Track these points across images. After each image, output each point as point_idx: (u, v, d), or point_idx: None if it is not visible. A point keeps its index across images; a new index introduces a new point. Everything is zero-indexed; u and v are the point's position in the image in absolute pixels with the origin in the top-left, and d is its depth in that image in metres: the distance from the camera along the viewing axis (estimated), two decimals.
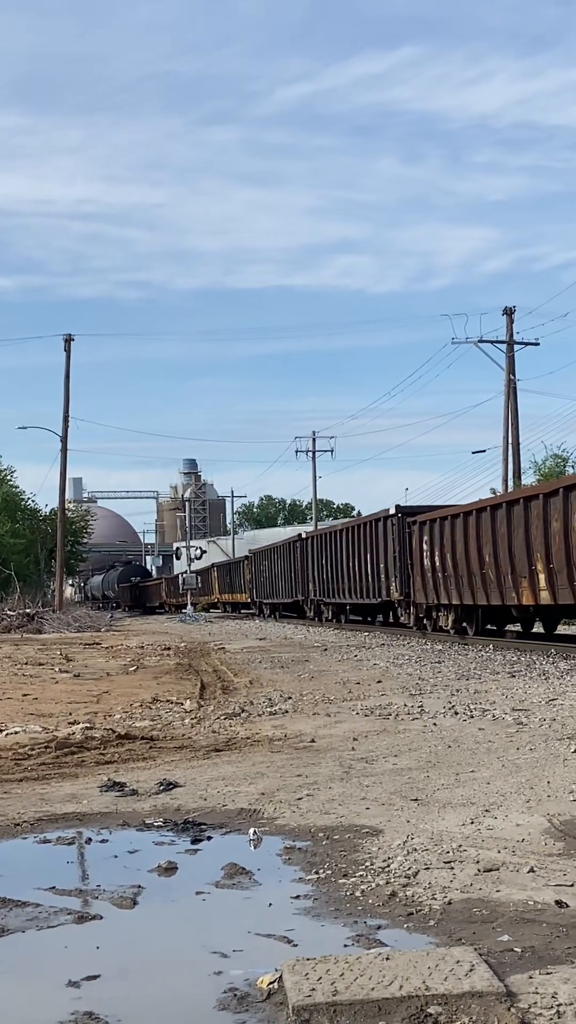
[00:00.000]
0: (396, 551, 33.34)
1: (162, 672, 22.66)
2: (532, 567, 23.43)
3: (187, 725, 13.34)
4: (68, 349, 66.19)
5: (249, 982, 4.82)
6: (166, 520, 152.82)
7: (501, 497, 29.90)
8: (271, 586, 56.72)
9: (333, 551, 42.09)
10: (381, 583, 35.36)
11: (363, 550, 37.53)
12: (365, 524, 37.98)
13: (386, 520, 34.74)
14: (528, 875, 6.24)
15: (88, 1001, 4.70)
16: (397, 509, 34.00)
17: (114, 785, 9.32)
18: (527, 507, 23.72)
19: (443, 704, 14.15)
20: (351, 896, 6.02)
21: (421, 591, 31.36)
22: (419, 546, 31.39)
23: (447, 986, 4.51)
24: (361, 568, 37.82)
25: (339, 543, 41.24)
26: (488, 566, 26.19)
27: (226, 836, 7.63)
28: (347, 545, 39.82)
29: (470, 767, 9.59)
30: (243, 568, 67.11)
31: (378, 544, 35.60)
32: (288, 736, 11.96)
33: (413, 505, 35.58)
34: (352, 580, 39.19)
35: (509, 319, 53.36)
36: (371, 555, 36.47)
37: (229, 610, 76.36)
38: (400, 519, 33.34)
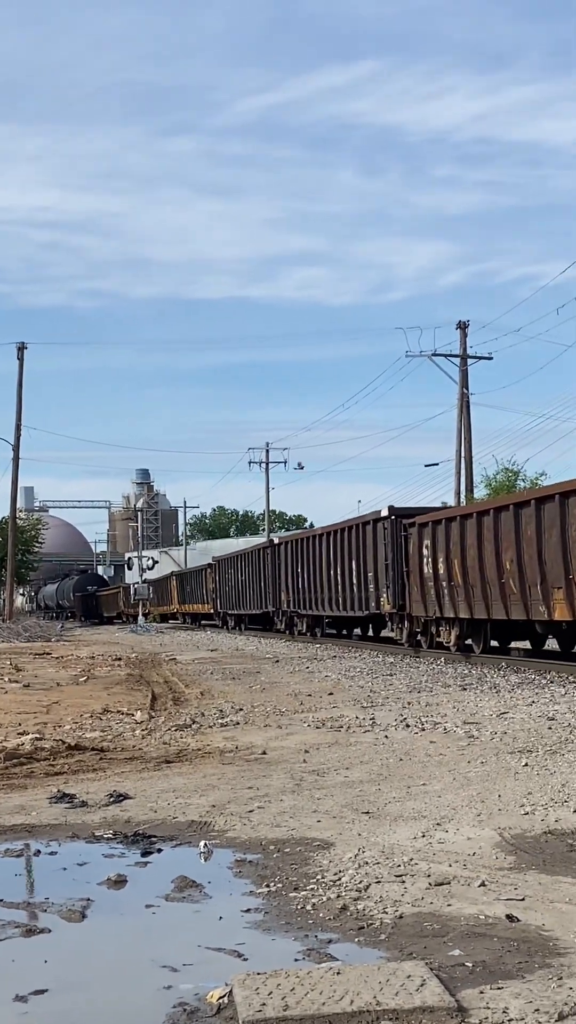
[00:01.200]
0: (389, 558, 29.60)
1: (113, 683, 22.54)
2: (570, 576, 19.96)
3: (138, 736, 13.26)
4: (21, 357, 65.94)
5: (199, 997, 4.78)
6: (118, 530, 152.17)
7: (529, 493, 26.19)
8: (237, 596, 52.56)
9: (311, 558, 38.18)
10: (369, 593, 31.69)
11: (347, 557, 33.82)
12: (351, 528, 33.83)
13: (376, 523, 31.07)
14: (479, 889, 6.23)
15: (35, 1016, 4.65)
16: (391, 510, 30.16)
17: (64, 797, 9.25)
18: (564, 504, 20.21)
19: (395, 717, 14.14)
20: (302, 910, 5.99)
21: (419, 603, 27.81)
22: (418, 552, 27.95)
23: (398, 1001, 4.49)
24: (345, 577, 34.14)
25: (318, 549, 37.45)
26: (509, 574, 22.53)
27: (176, 849, 7.58)
28: (328, 551, 36.15)
29: (421, 780, 9.58)
30: (206, 577, 62.36)
31: (366, 550, 32.02)
32: (239, 748, 11.91)
33: (409, 507, 31.77)
34: (333, 590, 35.47)
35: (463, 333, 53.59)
36: (357, 562, 32.80)
37: (189, 622, 72.39)
38: (394, 522, 29.52)
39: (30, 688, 21.00)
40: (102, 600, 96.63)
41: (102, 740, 12.90)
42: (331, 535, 36.03)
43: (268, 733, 13.13)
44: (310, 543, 38.72)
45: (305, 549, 39.23)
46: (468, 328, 53.67)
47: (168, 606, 77.85)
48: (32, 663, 29.18)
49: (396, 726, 13.22)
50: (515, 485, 50.98)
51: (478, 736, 12.12)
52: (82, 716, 15.66)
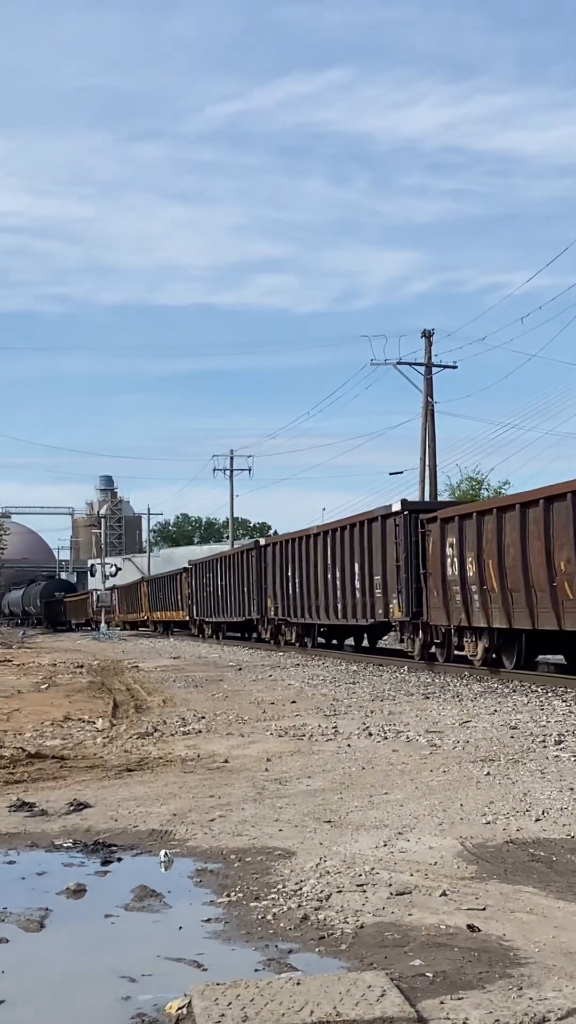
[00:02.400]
0: (401, 558, 26.02)
1: (74, 690, 22.44)
2: None
3: (99, 744, 13.19)
4: None
5: (158, 1008, 4.74)
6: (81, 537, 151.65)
7: None
8: (216, 603, 48.54)
9: (304, 560, 34.58)
10: (376, 599, 28.03)
11: (349, 558, 30.20)
12: (353, 526, 30.02)
13: (386, 519, 27.30)
14: (440, 899, 6.21)
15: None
16: (404, 505, 26.69)
17: (23, 805, 9.17)
18: None
19: (357, 725, 14.13)
20: (262, 919, 5.96)
21: (439, 609, 24.28)
22: (439, 551, 24.33)
23: (358, 1011, 4.46)
24: (345, 581, 30.48)
25: (313, 551, 33.75)
26: (564, 576, 19.07)
27: (137, 858, 7.54)
28: (325, 553, 32.46)
29: (384, 789, 9.57)
30: (180, 582, 58.37)
31: (372, 550, 28.22)
32: (201, 756, 11.87)
33: (425, 501, 29.64)
34: (331, 596, 31.83)
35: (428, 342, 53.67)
36: (360, 564, 29.18)
37: (160, 630, 67.98)
38: (408, 517, 25.94)
39: None
40: (70, 606, 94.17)
41: (63, 748, 12.83)
42: (329, 534, 32.40)
43: (230, 741, 13.09)
44: (303, 544, 34.94)
45: (297, 551, 35.65)
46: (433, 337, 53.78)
47: (138, 613, 74.67)
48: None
49: (359, 735, 13.21)
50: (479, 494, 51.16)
51: (440, 745, 12.12)
52: (43, 724, 15.57)
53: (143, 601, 71.92)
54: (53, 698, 20.48)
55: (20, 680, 25.31)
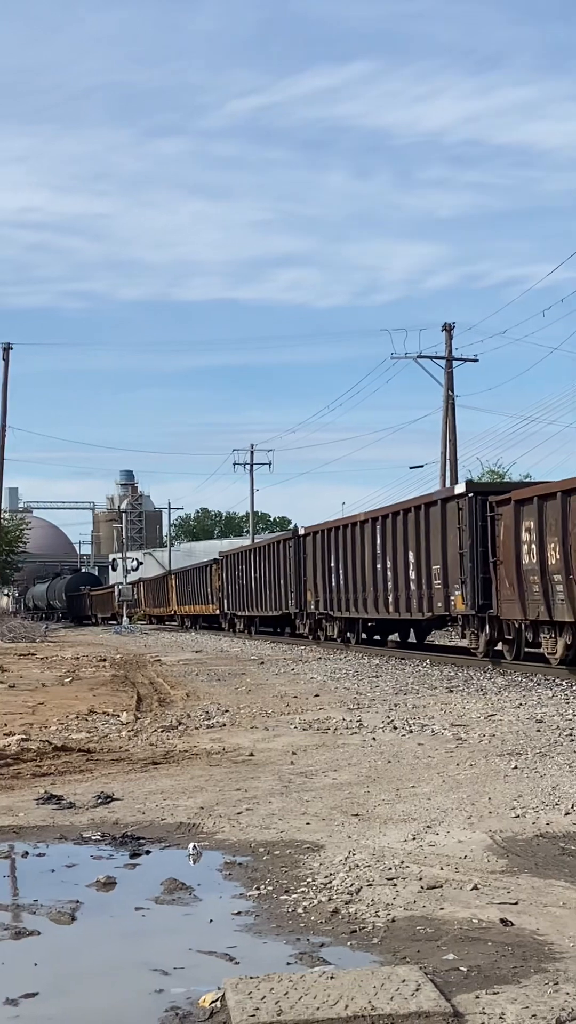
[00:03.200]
0: (465, 546, 23.71)
1: (98, 684, 22.48)
2: None
3: (124, 737, 13.20)
4: (6, 358, 65.73)
5: (191, 1000, 4.72)
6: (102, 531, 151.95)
7: None
8: (250, 596, 46.15)
9: (349, 550, 32.19)
10: (434, 591, 25.68)
11: (402, 547, 27.83)
12: (407, 512, 27.68)
13: (446, 503, 25.06)
14: (472, 892, 6.18)
15: (26, 1020, 4.59)
16: (469, 486, 24.67)
17: (51, 798, 9.18)
18: None
19: (381, 719, 14.10)
20: (293, 913, 5.94)
21: (514, 603, 21.88)
22: (513, 537, 21.82)
23: (393, 1006, 4.44)
24: (397, 572, 28.11)
25: (359, 539, 31.35)
26: None
27: (165, 851, 7.52)
28: (373, 541, 30.05)
29: (410, 782, 9.54)
30: (210, 575, 56.06)
31: (430, 537, 25.92)
32: (226, 750, 11.86)
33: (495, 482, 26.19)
34: (380, 589, 29.44)
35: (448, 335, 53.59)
36: (416, 553, 26.78)
37: (188, 624, 65.80)
38: (474, 500, 23.57)
39: (15, 689, 20.92)
40: (96, 600, 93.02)
41: (88, 741, 12.84)
42: (379, 521, 29.81)
43: (255, 735, 13.08)
44: (348, 532, 32.43)
45: (341, 539, 33.18)
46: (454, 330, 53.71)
47: (165, 607, 72.41)
48: (17, 663, 29.09)
49: (383, 728, 13.18)
50: None
51: (466, 738, 12.08)
52: (68, 717, 15.59)
53: (171, 595, 69.69)
54: (77, 691, 20.52)
55: (44, 673, 25.37)
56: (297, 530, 39.27)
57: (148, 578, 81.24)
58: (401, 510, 28.27)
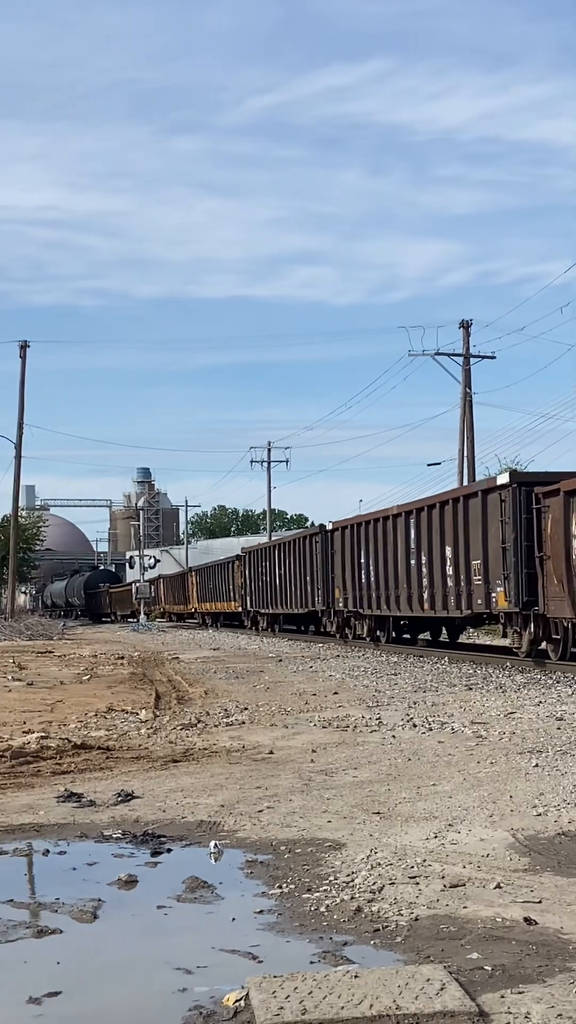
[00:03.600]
0: (509, 540, 22.52)
1: (116, 681, 22.49)
2: None
3: (143, 735, 13.19)
4: (24, 356, 65.84)
5: (215, 1000, 4.71)
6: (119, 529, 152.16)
7: None
8: (274, 593, 44.58)
9: (380, 545, 30.80)
10: (473, 588, 24.59)
11: (438, 541, 26.57)
12: (444, 504, 26.50)
13: (487, 495, 23.89)
14: (495, 891, 6.16)
15: (50, 1018, 4.58)
16: (513, 477, 23.44)
17: (71, 796, 9.18)
18: None
19: (401, 716, 14.07)
20: (316, 911, 5.92)
21: (562, 600, 20.60)
22: (562, 530, 20.55)
23: (418, 1005, 4.42)
24: (433, 567, 26.88)
25: (391, 534, 29.95)
26: None
27: (186, 849, 7.51)
28: (407, 536, 28.69)
29: (431, 780, 9.51)
30: (232, 571, 54.50)
31: (469, 531, 24.73)
32: (246, 747, 11.84)
33: (540, 472, 24.77)
34: (414, 585, 28.14)
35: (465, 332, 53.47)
36: (454, 548, 25.46)
37: (209, 622, 64.27)
38: (518, 491, 22.46)
39: (34, 686, 20.95)
40: (115, 597, 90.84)
41: (108, 739, 12.83)
42: (412, 514, 28.47)
43: (274, 732, 13.07)
44: (379, 526, 31.02)
45: (371, 534, 31.70)
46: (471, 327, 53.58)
47: (185, 605, 70.86)
48: (35, 661, 29.14)
49: (403, 726, 13.15)
50: None
51: (486, 736, 12.05)
52: (87, 715, 15.59)
53: (191, 592, 67.98)
54: (95, 689, 20.53)
55: (62, 671, 25.39)
56: (325, 525, 37.41)
57: (168, 575, 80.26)
58: (438, 503, 26.89)
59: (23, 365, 65.81)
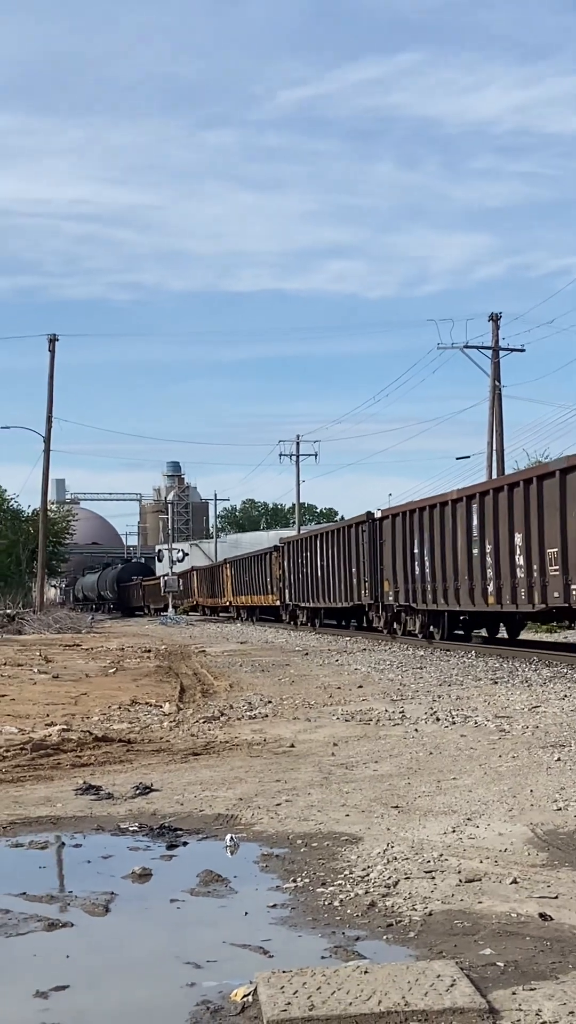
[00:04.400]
0: None
1: (141, 674, 22.48)
2: None
3: (166, 728, 13.17)
4: (52, 349, 65.99)
5: (223, 995, 4.66)
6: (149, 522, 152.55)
7: None
8: (315, 586, 41.87)
9: (438, 534, 27.91)
10: (549, 580, 21.73)
11: (507, 528, 23.81)
12: (514, 487, 23.72)
13: (565, 475, 21.16)
14: (511, 886, 6.09)
15: (55, 1013, 4.54)
16: None
17: (89, 788, 9.15)
18: None
19: (425, 710, 14.00)
20: (329, 906, 5.87)
21: None
22: None
23: (427, 1002, 4.36)
24: (500, 557, 24.16)
25: (450, 521, 27.03)
26: None
27: (202, 842, 7.47)
28: (468, 523, 25.85)
29: (452, 774, 9.44)
30: (270, 563, 51.81)
31: (544, 516, 21.98)
32: (267, 740, 11.80)
33: None
34: (478, 577, 25.36)
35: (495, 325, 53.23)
36: (525, 535, 22.68)
37: (244, 616, 61.75)
38: None
39: (59, 679, 20.97)
40: (148, 590, 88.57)
41: (130, 732, 12.81)
42: (476, 499, 25.73)
43: (296, 726, 13.02)
44: (436, 513, 28.19)
45: (426, 522, 28.84)
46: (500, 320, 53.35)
47: (219, 598, 68.40)
48: (62, 654, 29.19)
49: (426, 719, 13.08)
50: None
51: (509, 730, 11.96)
52: (110, 707, 15.58)
53: (226, 585, 65.34)
54: (120, 682, 20.53)
55: (88, 664, 25.41)
56: (372, 513, 34.42)
57: (201, 567, 78.83)
58: (506, 485, 24.37)
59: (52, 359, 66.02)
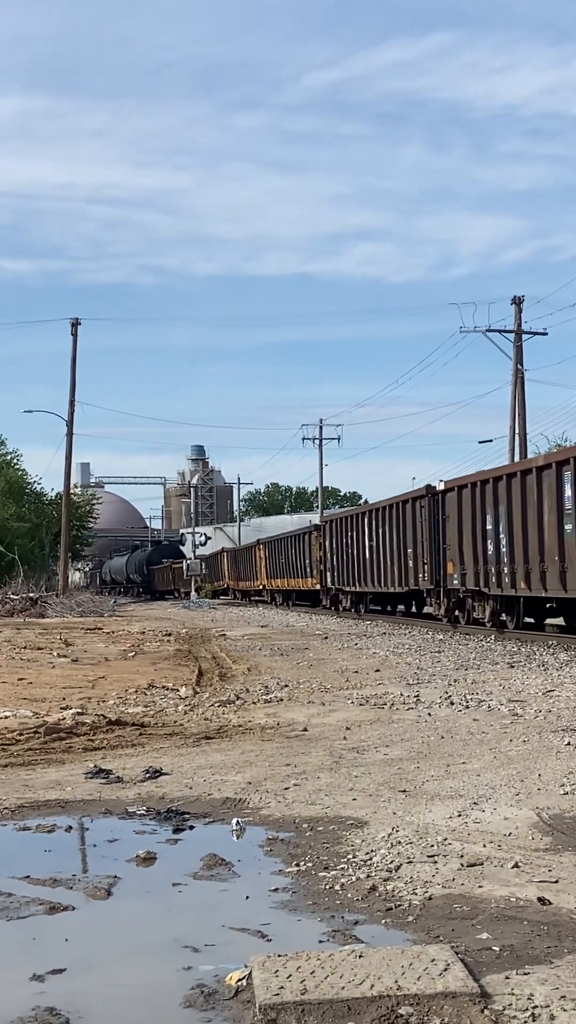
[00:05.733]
0: None
1: (160, 658, 22.54)
2: None
3: (180, 712, 13.21)
4: (75, 333, 66.09)
5: (218, 978, 4.68)
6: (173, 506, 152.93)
7: None
8: (362, 569, 38.15)
9: (518, 509, 24.29)
10: None
11: None
12: None
13: None
14: (512, 871, 6.09)
15: (51, 996, 4.56)
16: None
17: (99, 772, 9.19)
18: None
19: (439, 694, 14.00)
20: (330, 890, 5.88)
21: None
22: None
23: (420, 986, 4.36)
24: None
25: (537, 493, 23.29)
26: None
27: (209, 826, 7.49)
28: (562, 494, 22.07)
29: (461, 758, 9.44)
30: (309, 544, 48.03)
31: None
32: (280, 724, 11.82)
33: None
34: (570, 558, 21.83)
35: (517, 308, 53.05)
36: None
37: (279, 600, 58.01)
38: None
39: (78, 663, 21.04)
40: (178, 573, 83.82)
41: (144, 715, 12.85)
42: (570, 465, 21.89)
43: (311, 710, 13.03)
44: (518, 484, 24.47)
45: (504, 495, 25.23)
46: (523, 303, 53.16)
47: (252, 581, 64.92)
48: (82, 638, 29.27)
49: (440, 703, 13.08)
50: None
51: (522, 714, 11.95)
52: (127, 691, 15.63)
53: (259, 567, 61.80)
54: (139, 666, 20.59)
55: (108, 648, 25.49)
56: (432, 487, 30.79)
57: (232, 549, 76.22)
58: None
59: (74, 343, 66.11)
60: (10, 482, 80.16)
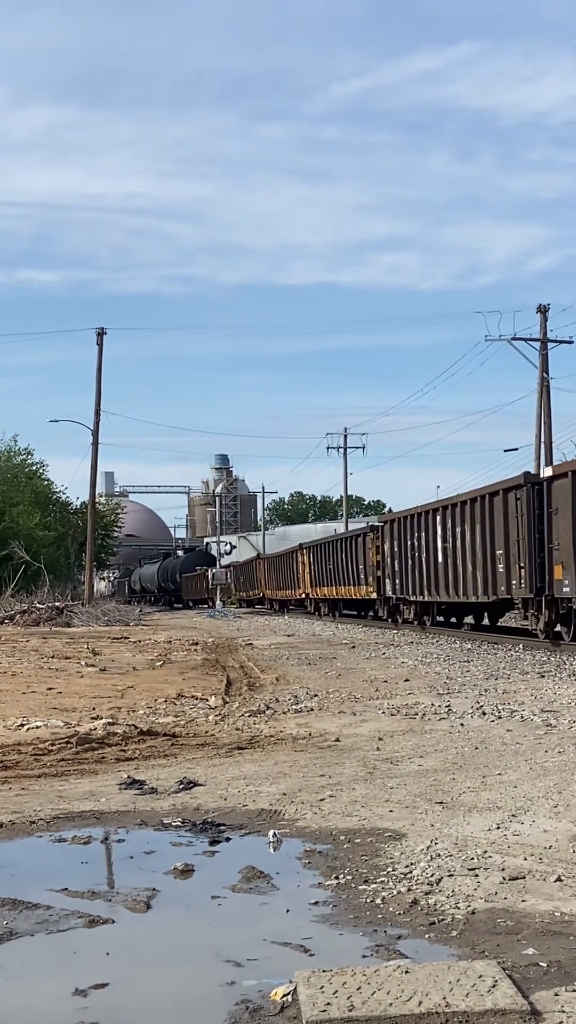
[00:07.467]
0: None
1: (188, 667, 22.49)
2: None
3: (211, 722, 13.16)
4: (100, 343, 66.12)
5: (263, 994, 4.63)
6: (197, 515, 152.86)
7: None
8: (432, 575, 32.21)
9: None
10: None
11: None
12: None
13: None
14: (555, 884, 6.02)
15: (94, 1011, 4.52)
16: None
17: (133, 783, 9.15)
18: None
19: (471, 704, 13.92)
20: (371, 903, 5.82)
21: None
22: None
23: (468, 1003, 4.31)
24: None
25: None
26: None
27: (245, 838, 7.44)
28: None
29: (497, 770, 9.37)
30: (363, 547, 41.92)
31: None
32: (312, 735, 11.76)
33: None
34: None
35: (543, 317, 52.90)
36: None
37: (324, 610, 51.63)
38: None
39: (106, 672, 21.01)
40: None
41: (175, 725, 12.81)
42: None
43: (342, 720, 12.97)
44: None
45: None
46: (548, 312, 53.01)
47: (291, 589, 58.86)
48: (109, 647, 29.25)
49: (472, 714, 13.00)
50: None
51: (556, 725, 11.87)
52: (156, 701, 15.59)
53: (301, 574, 55.56)
54: (167, 675, 20.54)
55: (135, 657, 25.45)
56: (532, 474, 26.23)
57: (271, 554, 70.72)
58: None
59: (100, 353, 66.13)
60: (35, 492, 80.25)
